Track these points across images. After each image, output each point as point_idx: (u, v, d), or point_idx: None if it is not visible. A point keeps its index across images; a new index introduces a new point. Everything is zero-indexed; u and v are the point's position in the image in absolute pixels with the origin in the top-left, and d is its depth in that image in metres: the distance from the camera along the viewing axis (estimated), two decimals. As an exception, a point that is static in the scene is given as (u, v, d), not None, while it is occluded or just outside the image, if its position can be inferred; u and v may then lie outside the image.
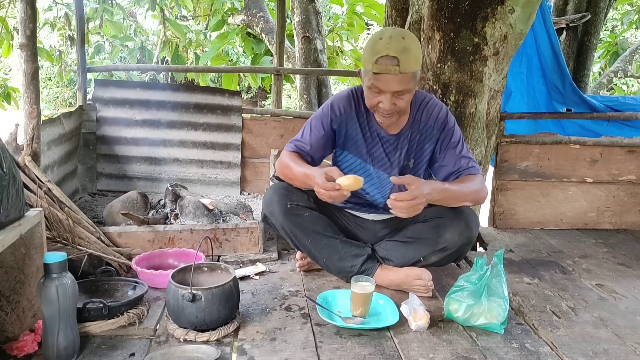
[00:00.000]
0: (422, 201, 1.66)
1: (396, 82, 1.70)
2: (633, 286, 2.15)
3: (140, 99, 3.23)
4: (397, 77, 1.69)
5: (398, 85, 1.71)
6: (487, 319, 1.67)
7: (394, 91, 1.73)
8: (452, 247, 1.86)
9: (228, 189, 3.28)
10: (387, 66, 1.68)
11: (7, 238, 1.33)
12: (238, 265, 2.21)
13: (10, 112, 6.54)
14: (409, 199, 1.65)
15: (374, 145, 1.96)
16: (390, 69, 1.68)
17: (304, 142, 1.95)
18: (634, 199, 3.02)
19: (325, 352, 1.53)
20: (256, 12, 6.24)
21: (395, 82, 1.70)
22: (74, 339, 1.44)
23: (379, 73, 1.70)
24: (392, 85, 1.71)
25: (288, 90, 11.65)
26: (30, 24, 2.14)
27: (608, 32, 9.81)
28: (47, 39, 8.73)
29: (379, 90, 1.74)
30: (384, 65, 1.68)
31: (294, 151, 1.95)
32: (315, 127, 1.95)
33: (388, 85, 1.71)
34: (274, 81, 3.65)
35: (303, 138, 1.96)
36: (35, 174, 2.11)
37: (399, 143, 1.95)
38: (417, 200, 1.65)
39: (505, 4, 2.27)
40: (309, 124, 1.97)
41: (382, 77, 1.70)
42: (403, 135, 1.95)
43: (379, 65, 1.68)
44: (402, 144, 1.95)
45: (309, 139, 1.94)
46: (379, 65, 1.68)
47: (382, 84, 1.72)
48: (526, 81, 3.18)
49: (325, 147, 1.97)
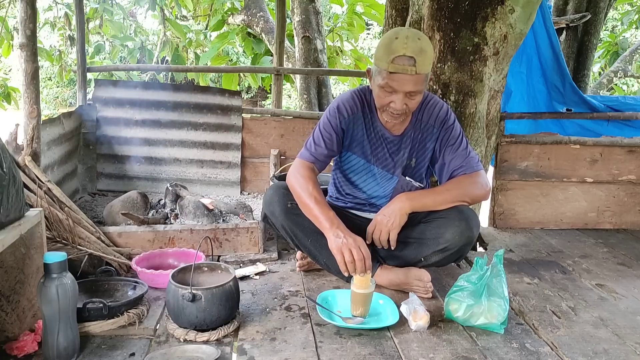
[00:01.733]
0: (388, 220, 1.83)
1: (411, 83, 1.70)
2: (633, 286, 2.15)
3: (140, 99, 3.23)
4: (412, 77, 1.69)
5: (412, 86, 1.71)
6: (487, 319, 1.67)
7: (407, 91, 1.73)
8: (452, 248, 1.86)
9: (228, 189, 3.28)
10: (404, 66, 1.67)
11: (7, 238, 1.33)
12: (238, 265, 2.21)
13: (10, 112, 6.54)
14: (372, 229, 1.88)
15: (378, 146, 1.96)
16: (407, 69, 1.67)
17: (318, 149, 1.91)
18: (634, 199, 3.02)
19: (325, 352, 1.53)
20: (256, 12, 6.24)
21: (410, 83, 1.70)
22: (74, 339, 1.44)
23: (394, 72, 1.69)
24: (406, 86, 1.71)
25: (288, 90, 11.66)
26: (30, 24, 2.14)
27: (608, 32, 9.81)
28: (47, 39, 8.74)
29: (392, 90, 1.73)
30: (400, 65, 1.67)
31: (311, 161, 1.91)
32: (326, 131, 1.92)
33: (402, 85, 1.71)
34: (274, 81, 3.65)
35: (317, 144, 1.92)
36: (35, 174, 2.11)
37: (402, 143, 1.96)
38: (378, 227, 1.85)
39: (505, 4, 2.27)
40: (320, 130, 1.93)
41: (398, 77, 1.70)
42: (406, 136, 1.95)
43: (395, 64, 1.68)
44: (405, 144, 1.96)
45: (324, 144, 1.91)
46: (396, 65, 1.68)
47: (397, 84, 1.71)
48: (526, 81, 3.18)
49: (337, 150, 1.96)
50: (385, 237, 1.85)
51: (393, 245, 1.86)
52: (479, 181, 1.90)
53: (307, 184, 1.84)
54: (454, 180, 1.91)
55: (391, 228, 1.83)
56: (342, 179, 2.07)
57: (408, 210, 1.85)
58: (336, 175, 2.10)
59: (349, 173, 2.03)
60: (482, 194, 1.92)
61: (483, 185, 1.91)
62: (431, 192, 1.93)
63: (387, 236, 1.85)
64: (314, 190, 1.82)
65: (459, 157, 1.91)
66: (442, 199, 1.87)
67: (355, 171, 2.01)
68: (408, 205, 1.85)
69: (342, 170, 2.05)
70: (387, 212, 1.86)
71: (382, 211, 1.88)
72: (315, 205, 1.80)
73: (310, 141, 1.95)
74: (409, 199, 1.87)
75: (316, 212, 1.79)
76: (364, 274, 1.68)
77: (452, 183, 1.91)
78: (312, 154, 1.92)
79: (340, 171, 2.06)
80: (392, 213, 1.84)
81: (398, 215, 1.83)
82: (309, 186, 1.83)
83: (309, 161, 1.92)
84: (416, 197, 1.89)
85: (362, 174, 2.01)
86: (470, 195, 1.89)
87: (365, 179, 2.01)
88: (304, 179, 1.86)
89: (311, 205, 1.80)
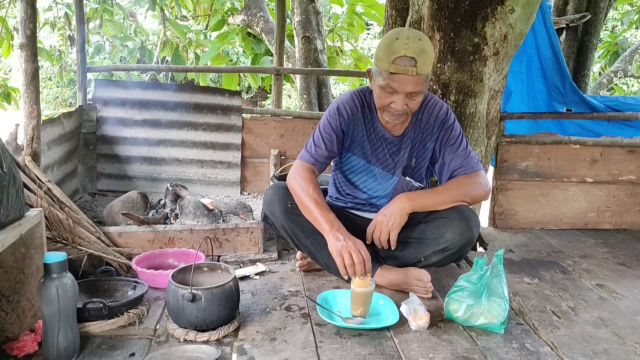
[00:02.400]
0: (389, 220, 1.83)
1: (412, 83, 1.71)
2: (633, 286, 2.15)
3: (140, 99, 3.23)
4: (413, 78, 1.69)
5: (413, 87, 1.72)
6: (487, 319, 1.67)
7: (408, 92, 1.73)
8: (453, 248, 1.86)
9: (228, 189, 3.28)
10: (405, 67, 1.67)
11: (7, 238, 1.33)
12: (238, 265, 2.21)
13: (10, 112, 6.53)
14: (372, 230, 1.88)
15: (378, 146, 1.96)
16: (408, 70, 1.68)
17: (319, 150, 1.91)
18: (634, 199, 3.02)
19: (325, 352, 1.53)
20: (256, 12, 6.24)
21: (411, 83, 1.71)
22: (74, 339, 1.44)
23: (395, 73, 1.69)
24: (407, 86, 1.71)
25: (288, 90, 11.65)
26: (30, 24, 2.14)
27: (608, 32, 9.81)
28: (47, 39, 8.73)
29: (393, 90, 1.73)
30: (401, 66, 1.68)
31: (311, 163, 1.91)
32: (326, 132, 1.92)
33: (403, 86, 1.71)
34: (274, 81, 3.65)
35: (317, 145, 1.92)
36: (35, 174, 2.11)
37: (402, 144, 1.96)
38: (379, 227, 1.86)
39: (505, 4, 2.27)
40: (320, 131, 1.93)
41: (399, 78, 1.70)
42: (406, 136, 1.95)
43: (396, 65, 1.68)
44: (405, 145, 1.96)
45: (324, 146, 1.91)
46: (397, 66, 1.68)
47: (398, 85, 1.71)
48: (526, 81, 3.18)
49: (337, 151, 1.96)
50: (385, 237, 1.85)
51: (393, 246, 1.86)
52: (479, 181, 1.91)
53: (307, 186, 1.84)
54: (454, 180, 1.91)
55: (391, 228, 1.83)
56: (342, 179, 2.07)
57: (408, 210, 1.85)
58: (336, 175, 2.10)
59: (349, 174, 2.03)
60: (482, 194, 1.92)
61: (483, 185, 1.91)
62: (431, 192, 1.94)
63: (388, 236, 1.85)
64: (314, 192, 1.82)
65: (459, 157, 1.91)
66: (442, 199, 1.87)
67: (355, 172, 2.01)
68: (408, 205, 1.85)
69: (342, 170, 2.05)
70: (387, 212, 1.86)
71: (382, 211, 1.88)
72: (315, 207, 1.80)
73: (310, 142, 1.95)
74: (409, 199, 1.87)
75: (316, 214, 1.79)
76: (363, 277, 1.68)
77: (452, 183, 1.91)
78: (312, 156, 1.92)
79: (340, 172, 2.06)
80: (392, 213, 1.84)
81: (398, 215, 1.84)
82: (309, 188, 1.83)
83: (309, 163, 1.92)
84: (416, 197, 1.89)
85: (362, 175, 2.01)
86: (470, 195, 1.89)
87: (366, 180, 2.01)
88: (304, 180, 1.86)
89: (311, 207, 1.80)
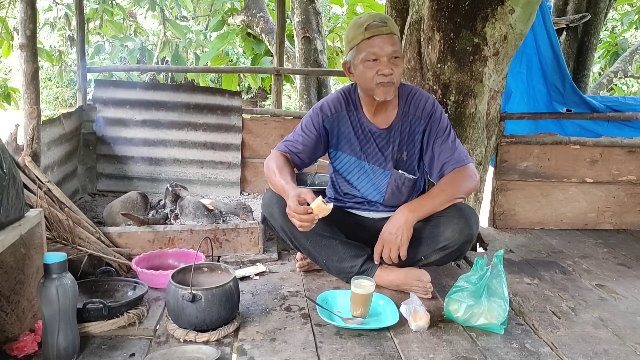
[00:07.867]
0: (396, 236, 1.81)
1: (389, 43, 1.80)
2: (633, 286, 2.15)
3: (140, 99, 3.23)
4: (388, 37, 1.80)
5: (391, 46, 1.80)
6: (487, 319, 1.67)
7: (389, 54, 1.79)
8: (452, 246, 1.86)
9: (228, 189, 3.28)
10: (378, 27, 1.79)
11: (7, 238, 1.33)
12: (238, 266, 2.21)
13: (10, 112, 6.53)
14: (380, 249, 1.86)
15: (366, 141, 1.98)
16: (382, 30, 1.79)
17: (295, 143, 1.98)
18: (634, 199, 3.02)
19: (325, 353, 1.53)
20: (256, 13, 6.24)
21: (388, 43, 1.80)
22: (74, 339, 1.44)
23: (371, 37, 1.79)
24: (386, 47, 1.79)
25: (288, 90, 11.65)
26: (30, 24, 2.14)
27: (608, 32, 9.81)
28: (47, 39, 8.73)
29: (376, 55, 1.79)
30: (375, 28, 1.79)
31: (284, 152, 1.98)
32: (306, 127, 1.99)
33: (383, 47, 1.79)
34: (274, 81, 3.65)
35: (294, 139, 1.99)
36: (35, 174, 2.11)
37: (390, 137, 1.97)
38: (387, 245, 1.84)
39: (505, 4, 2.27)
40: (301, 125, 2.01)
41: (376, 40, 1.79)
42: (394, 129, 1.96)
43: (370, 30, 1.79)
44: (393, 137, 1.97)
45: (301, 140, 1.98)
46: (370, 30, 1.79)
47: (378, 49, 1.79)
48: (526, 81, 3.18)
49: (316, 148, 2.00)
50: (395, 254, 1.84)
51: (403, 258, 1.85)
52: (469, 174, 1.92)
53: (273, 167, 1.90)
54: (446, 179, 1.92)
55: (400, 244, 1.82)
56: (338, 179, 2.09)
57: (413, 222, 1.84)
58: (334, 176, 2.11)
59: (343, 172, 2.05)
60: (473, 185, 1.94)
61: (473, 177, 1.93)
62: (428, 197, 1.92)
63: (397, 253, 1.84)
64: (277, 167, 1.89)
65: (447, 150, 1.93)
66: (440, 200, 1.88)
67: (348, 169, 2.03)
68: (412, 217, 1.84)
69: (336, 170, 2.07)
70: (392, 229, 1.84)
71: (387, 228, 1.86)
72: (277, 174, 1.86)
73: (289, 136, 2.02)
74: (411, 210, 1.86)
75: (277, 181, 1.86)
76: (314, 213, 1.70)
77: (445, 183, 1.91)
78: (287, 146, 1.99)
79: (335, 172, 2.08)
80: (398, 229, 1.83)
81: (404, 229, 1.82)
82: (275, 168, 1.89)
83: (282, 151, 1.98)
84: (417, 206, 1.88)
85: (355, 172, 2.02)
86: (464, 190, 1.91)
87: (359, 177, 2.03)
88: (274, 162, 1.92)
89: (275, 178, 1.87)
